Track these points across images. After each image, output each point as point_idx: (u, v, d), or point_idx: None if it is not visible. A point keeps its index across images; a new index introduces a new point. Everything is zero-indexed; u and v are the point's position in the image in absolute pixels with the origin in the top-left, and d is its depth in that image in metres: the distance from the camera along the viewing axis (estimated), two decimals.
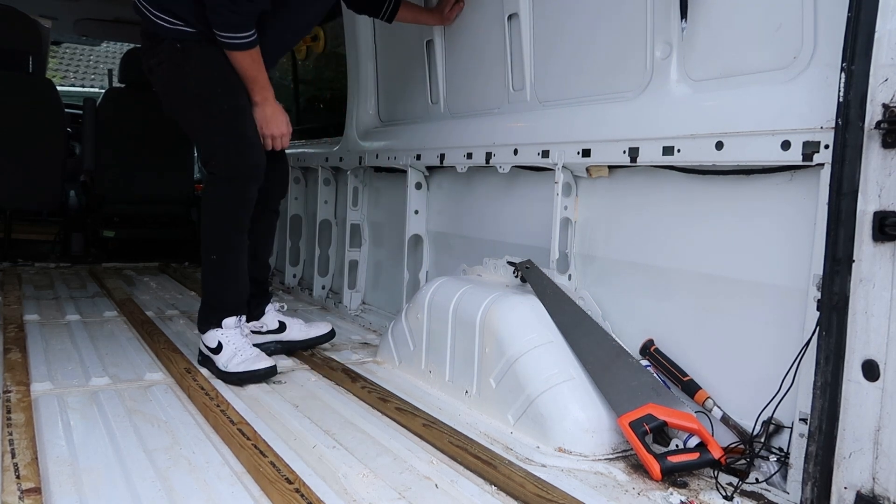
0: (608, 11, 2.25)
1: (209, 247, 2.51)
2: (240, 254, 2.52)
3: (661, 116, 2.03)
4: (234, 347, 2.45)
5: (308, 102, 5.57)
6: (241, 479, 1.67)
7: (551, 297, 2.19)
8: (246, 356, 2.43)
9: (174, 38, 2.40)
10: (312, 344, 2.83)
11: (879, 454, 1.41)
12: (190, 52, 2.41)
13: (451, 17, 2.89)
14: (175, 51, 2.42)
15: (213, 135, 2.47)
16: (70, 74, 14.01)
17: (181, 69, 2.43)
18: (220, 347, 2.45)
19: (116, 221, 5.24)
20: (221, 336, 2.47)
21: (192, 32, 2.39)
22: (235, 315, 2.52)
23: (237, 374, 2.39)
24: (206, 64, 2.41)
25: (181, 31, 2.39)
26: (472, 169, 2.86)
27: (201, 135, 2.56)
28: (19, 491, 1.49)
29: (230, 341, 2.46)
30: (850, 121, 1.43)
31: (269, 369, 2.43)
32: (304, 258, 4.42)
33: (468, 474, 1.75)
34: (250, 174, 2.44)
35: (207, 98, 2.43)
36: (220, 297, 2.53)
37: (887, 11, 1.39)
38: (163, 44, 2.43)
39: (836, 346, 1.46)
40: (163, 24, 2.40)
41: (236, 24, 2.31)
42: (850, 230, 1.44)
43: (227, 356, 2.43)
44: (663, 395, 1.89)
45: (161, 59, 2.46)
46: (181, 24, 2.38)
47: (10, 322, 3.01)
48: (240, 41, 2.34)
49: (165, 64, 2.46)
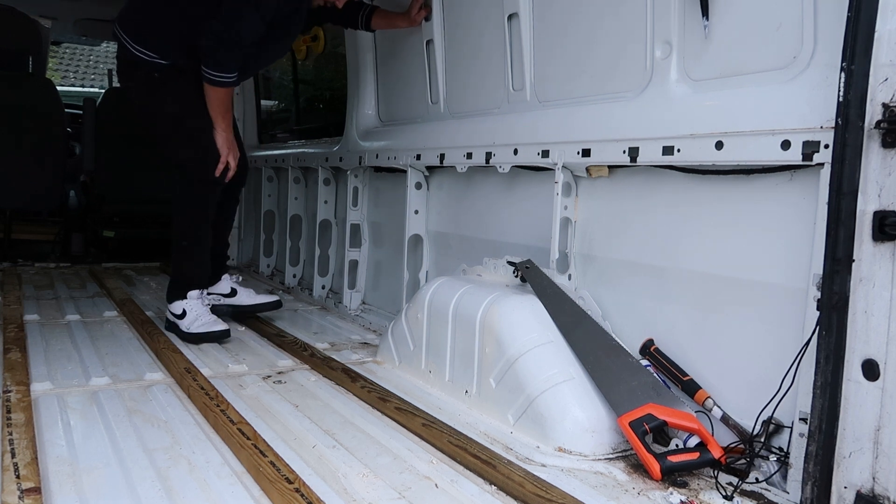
0: (608, 11, 2.25)
1: (180, 237, 3.02)
2: (205, 241, 3.04)
3: (660, 116, 2.03)
4: (196, 314, 2.93)
5: (308, 102, 5.57)
6: (241, 478, 1.67)
7: (551, 297, 2.19)
8: (205, 320, 2.92)
9: (151, 69, 2.86)
10: (258, 310, 3.30)
11: (879, 454, 1.41)
12: (164, 80, 2.87)
13: (418, 19, 3.14)
14: (152, 78, 2.87)
15: (182, 148, 2.94)
16: (70, 74, 14.01)
17: (156, 94, 2.91)
18: (184, 314, 2.94)
19: (116, 221, 5.24)
20: (185, 305, 2.95)
21: (165, 64, 2.85)
22: (198, 289, 3.01)
23: (197, 335, 2.88)
24: (178, 90, 2.88)
25: (157, 63, 2.85)
26: (472, 169, 2.86)
27: (172, 147, 3.01)
28: (19, 491, 1.49)
29: (192, 308, 2.94)
30: (850, 120, 1.43)
31: (223, 331, 2.91)
32: (304, 258, 4.42)
33: (468, 474, 1.75)
34: (214, 180, 2.92)
35: (179, 117, 2.91)
36: (187, 276, 3.02)
37: (887, 11, 1.39)
38: (139, 70, 2.88)
39: (836, 345, 1.46)
40: (140, 56, 2.85)
41: (226, 67, 2.76)
42: (849, 230, 1.44)
43: (189, 320, 2.92)
44: (663, 394, 1.89)
45: (138, 83, 2.94)
46: (156, 56, 2.84)
47: (10, 322, 3.01)
48: (224, 79, 2.79)
49: (143, 88, 2.93)
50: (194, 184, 2.94)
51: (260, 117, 5.28)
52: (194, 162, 2.90)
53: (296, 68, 5.28)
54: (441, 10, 3.05)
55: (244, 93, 5.21)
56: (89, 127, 5.05)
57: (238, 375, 2.51)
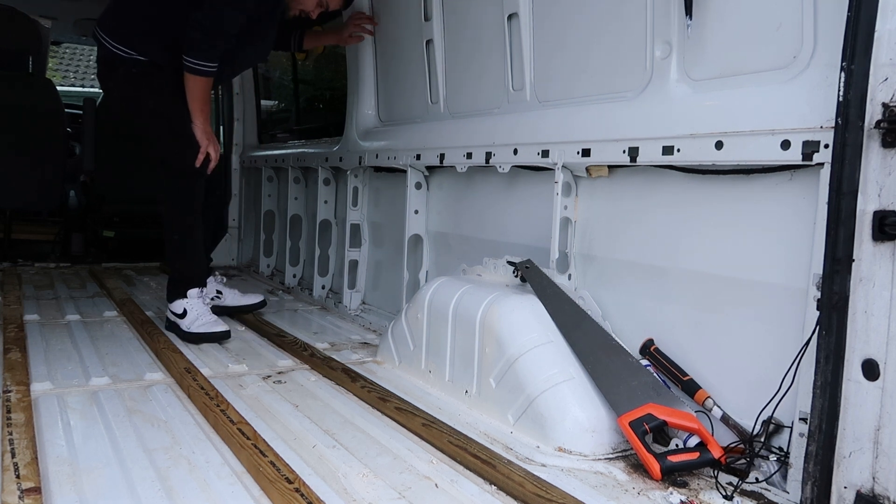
0: (608, 11, 2.25)
1: (170, 231, 3.06)
2: (196, 234, 3.07)
3: (660, 116, 2.03)
4: (197, 313, 2.96)
5: (308, 102, 5.57)
6: (241, 478, 1.67)
7: (551, 297, 2.19)
8: (206, 320, 2.95)
9: (130, 65, 2.94)
10: (244, 310, 3.42)
11: (879, 453, 1.41)
12: (144, 76, 2.96)
13: (350, 42, 3.49)
14: (131, 74, 2.96)
15: (165, 139, 3.02)
16: (70, 74, 14.02)
17: (138, 89, 2.99)
18: (185, 313, 2.96)
19: (116, 221, 5.24)
20: (186, 304, 2.97)
21: (144, 61, 2.94)
22: (198, 287, 3.04)
23: (198, 335, 2.91)
24: (158, 85, 2.96)
25: (136, 60, 2.94)
26: (472, 169, 2.86)
27: (155, 140, 3.09)
28: (19, 490, 1.49)
29: (193, 308, 2.97)
30: (850, 120, 1.43)
31: (224, 332, 2.95)
32: (304, 258, 4.42)
33: (468, 474, 1.75)
34: (197, 170, 2.97)
35: (160, 111, 2.98)
36: (185, 272, 3.06)
37: (887, 11, 1.39)
38: (118, 70, 2.98)
39: (836, 345, 1.46)
40: (119, 53, 2.94)
41: (208, 56, 2.84)
42: (849, 230, 1.44)
43: (190, 320, 2.94)
44: (663, 394, 1.89)
45: (119, 81, 3.04)
46: (135, 53, 2.93)
47: (10, 322, 3.01)
48: (204, 68, 2.86)
49: (124, 85, 3.03)
50: (177, 177, 3.01)
51: (260, 117, 5.28)
52: (175, 154, 2.98)
53: (296, 68, 5.27)
54: (441, 10, 3.04)
55: (244, 93, 5.21)
56: (89, 127, 5.05)
57: (238, 375, 2.51)
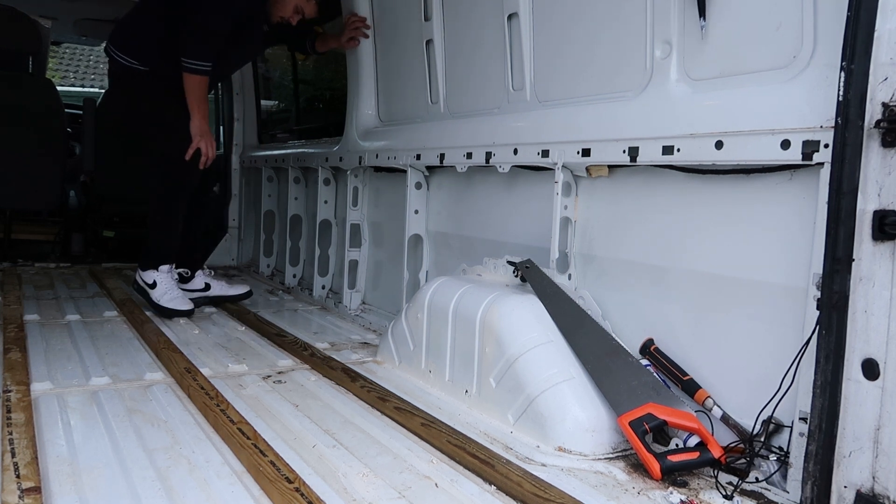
0: (608, 11, 2.25)
1: (156, 211, 3.44)
2: (178, 217, 3.42)
3: (660, 116, 2.03)
4: (165, 287, 3.34)
5: (308, 102, 5.57)
6: (241, 478, 1.67)
7: (551, 297, 2.19)
8: (174, 296, 3.35)
9: (132, 74, 3.37)
10: (231, 299, 3.70)
11: (879, 453, 1.41)
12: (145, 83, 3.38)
13: (348, 46, 3.69)
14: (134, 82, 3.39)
15: (162, 137, 3.39)
16: (70, 74, 14.02)
17: (138, 95, 3.43)
18: (155, 285, 3.34)
19: (116, 221, 5.24)
20: (157, 276, 3.35)
21: (144, 70, 3.37)
22: (168, 263, 3.40)
23: (169, 310, 3.31)
24: (156, 90, 3.37)
25: (137, 69, 3.37)
26: (472, 169, 2.86)
27: (153, 138, 3.49)
28: (19, 490, 1.49)
29: (163, 282, 3.35)
30: (850, 120, 1.43)
31: (190, 310, 3.36)
32: (304, 258, 4.42)
33: (468, 474, 1.75)
34: (187, 164, 3.30)
35: (158, 114, 3.39)
36: (160, 247, 3.40)
37: (887, 11, 1.39)
38: (123, 78, 3.44)
39: (836, 345, 1.46)
40: (122, 63, 3.38)
41: (202, 55, 3.24)
42: (849, 229, 1.44)
43: (160, 292, 3.33)
44: (663, 394, 1.89)
45: (123, 89, 3.52)
46: (136, 63, 3.36)
47: (10, 322, 3.01)
48: (202, 68, 3.25)
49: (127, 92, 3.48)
50: (171, 171, 3.35)
51: (260, 117, 5.28)
52: (170, 148, 3.31)
53: (296, 68, 5.28)
54: (441, 11, 3.05)
55: (244, 93, 5.21)
56: (89, 127, 5.05)
57: (238, 375, 2.51)
